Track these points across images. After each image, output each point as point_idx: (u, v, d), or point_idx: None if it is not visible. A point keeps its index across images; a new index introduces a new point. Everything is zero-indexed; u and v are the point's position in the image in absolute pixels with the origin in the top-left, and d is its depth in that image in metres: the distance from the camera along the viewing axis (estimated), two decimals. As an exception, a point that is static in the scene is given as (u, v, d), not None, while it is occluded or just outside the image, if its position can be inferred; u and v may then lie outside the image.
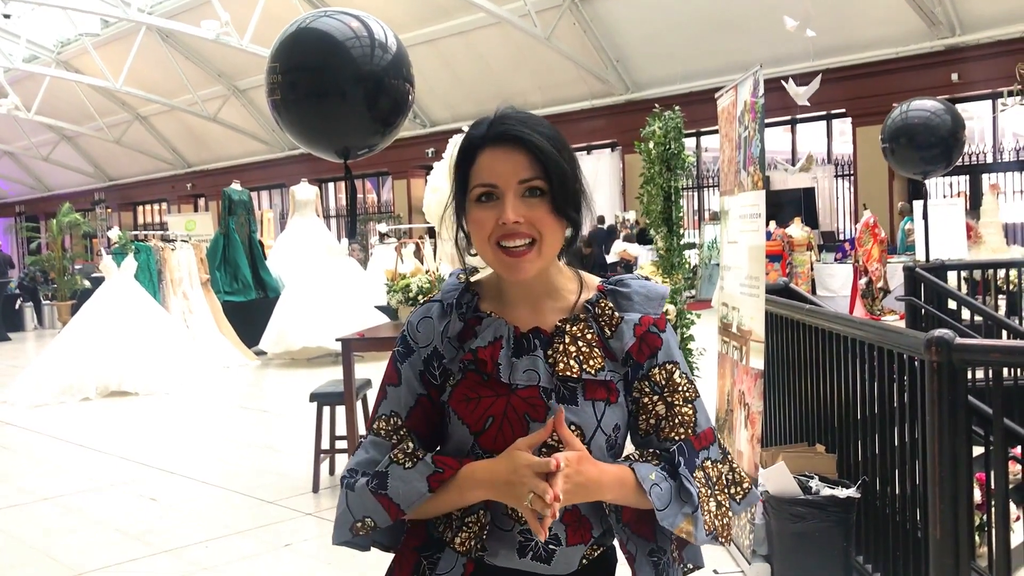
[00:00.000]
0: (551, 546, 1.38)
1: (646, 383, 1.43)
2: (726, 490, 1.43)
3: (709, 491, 1.41)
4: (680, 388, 1.44)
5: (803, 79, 12.03)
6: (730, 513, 1.43)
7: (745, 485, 1.46)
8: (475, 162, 1.37)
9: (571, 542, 1.39)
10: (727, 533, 1.42)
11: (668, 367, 1.44)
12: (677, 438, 1.42)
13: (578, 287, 1.46)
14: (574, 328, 1.41)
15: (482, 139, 1.38)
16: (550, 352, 1.39)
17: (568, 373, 1.38)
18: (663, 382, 1.43)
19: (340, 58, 4.60)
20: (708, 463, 1.43)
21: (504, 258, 1.36)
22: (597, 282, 1.47)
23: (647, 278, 1.51)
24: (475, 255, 1.43)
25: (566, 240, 1.42)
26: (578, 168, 1.41)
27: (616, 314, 1.43)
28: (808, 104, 11.99)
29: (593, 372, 1.39)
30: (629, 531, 1.43)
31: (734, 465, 1.46)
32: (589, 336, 1.41)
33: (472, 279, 1.48)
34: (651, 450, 1.42)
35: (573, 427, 1.37)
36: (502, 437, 1.37)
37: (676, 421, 1.42)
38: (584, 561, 1.42)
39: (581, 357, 1.39)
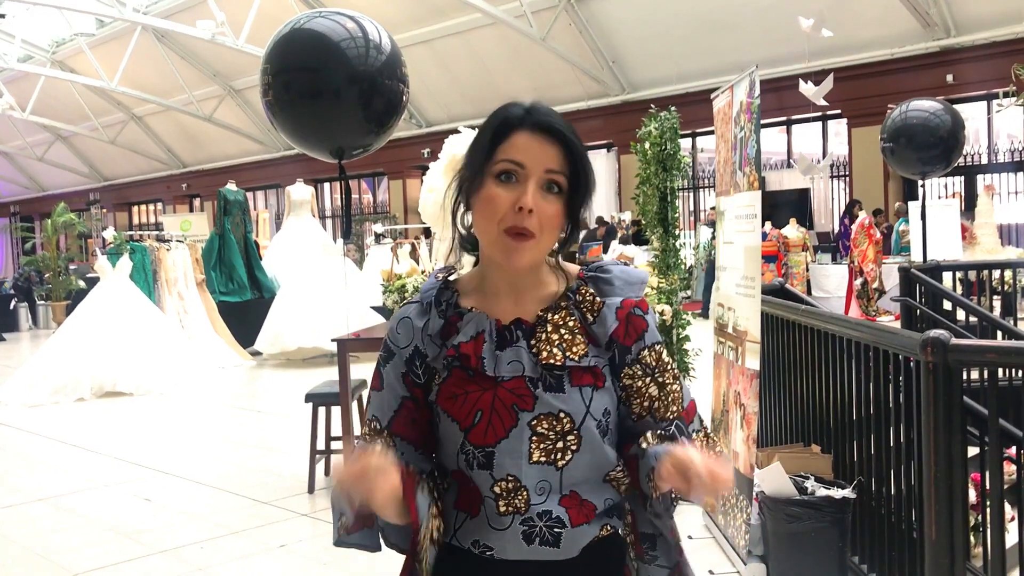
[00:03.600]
0: (556, 530, 1.38)
1: (637, 367, 1.44)
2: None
3: None
4: (669, 367, 1.47)
5: (814, 78, 12.01)
6: None
7: (718, 448, 1.51)
8: (507, 139, 1.37)
9: (576, 522, 1.39)
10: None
11: (657, 348, 1.46)
12: (672, 416, 1.45)
13: (559, 276, 1.46)
14: (555, 316, 1.42)
15: (520, 120, 1.38)
16: (533, 341, 1.40)
17: (552, 361, 1.38)
18: (653, 363, 1.45)
19: (334, 58, 4.60)
20: (696, 435, 1.48)
21: (508, 241, 1.35)
22: (577, 270, 1.48)
23: (627, 263, 1.53)
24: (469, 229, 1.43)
25: (562, 240, 1.42)
26: (594, 175, 1.43)
27: (597, 299, 1.44)
28: (826, 103, 11.97)
29: (577, 358, 1.39)
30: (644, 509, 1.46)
31: (709, 431, 1.52)
32: (571, 323, 1.42)
33: (451, 277, 1.48)
34: (658, 432, 1.43)
35: (562, 414, 1.37)
36: (492, 431, 1.37)
37: (669, 400, 1.46)
38: (594, 540, 1.42)
39: (564, 344, 1.40)
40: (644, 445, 1.41)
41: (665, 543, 1.47)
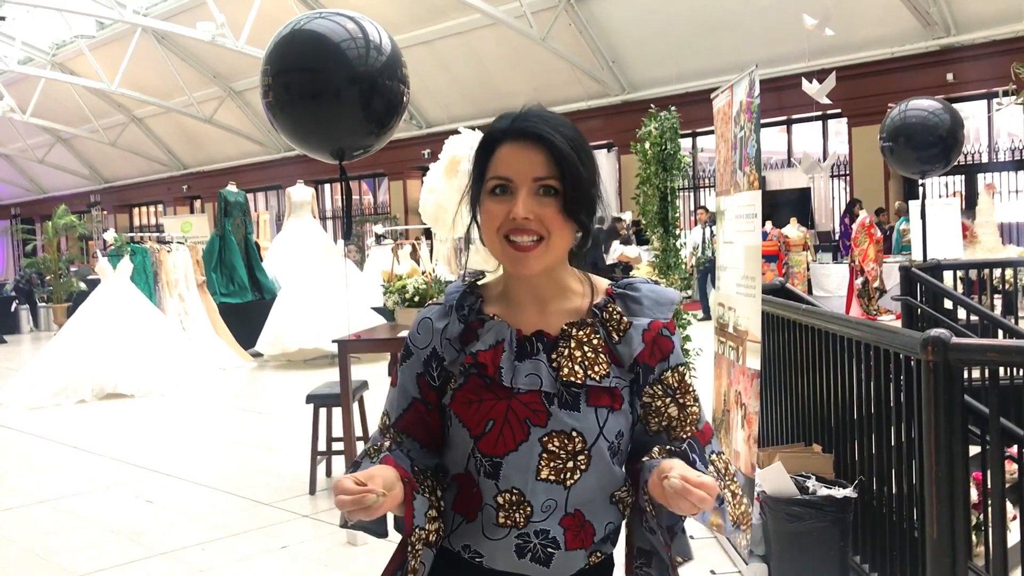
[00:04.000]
0: (549, 549, 1.37)
1: (658, 387, 1.43)
2: (734, 480, 1.46)
3: (722, 483, 1.41)
4: (690, 389, 1.46)
5: (815, 77, 12.02)
6: (744, 501, 1.45)
7: (739, 477, 1.48)
8: (494, 155, 1.38)
9: (570, 546, 1.38)
10: (748, 521, 1.44)
11: (680, 370, 1.45)
12: (685, 436, 1.43)
13: (586, 290, 1.45)
14: (581, 332, 1.40)
15: (503, 133, 1.38)
16: (554, 356, 1.39)
17: (572, 379, 1.37)
18: (675, 385, 1.43)
19: (334, 59, 4.59)
20: (714, 456, 1.45)
21: (511, 252, 1.35)
22: (606, 285, 1.46)
23: (656, 281, 1.51)
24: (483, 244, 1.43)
25: (577, 242, 1.41)
26: (596, 172, 1.42)
27: (625, 319, 1.42)
28: (828, 101, 11.97)
29: (598, 378, 1.38)
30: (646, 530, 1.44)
31: (726, 457, 1.49)
32: (596, 341, 1.40)
33: (479, 282, 1.48)
34: (667, 448, 1.42)
35: (574, 433, 1.36)
36: (502, 441, 1.36)
37: (687, 421, 1.44)
38: (584, 567, 1.41)
39: (586, 363, 1.38)
40: (646, 459, 1.40)
41: (660, 561, 1.45)
